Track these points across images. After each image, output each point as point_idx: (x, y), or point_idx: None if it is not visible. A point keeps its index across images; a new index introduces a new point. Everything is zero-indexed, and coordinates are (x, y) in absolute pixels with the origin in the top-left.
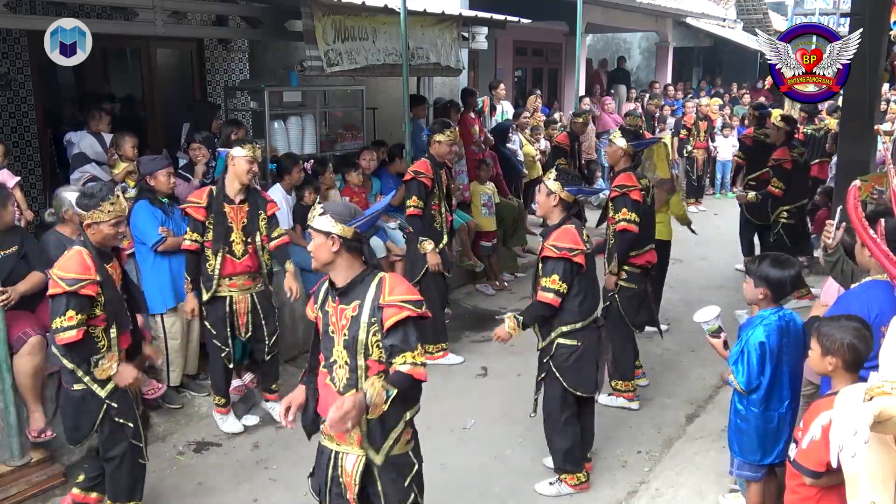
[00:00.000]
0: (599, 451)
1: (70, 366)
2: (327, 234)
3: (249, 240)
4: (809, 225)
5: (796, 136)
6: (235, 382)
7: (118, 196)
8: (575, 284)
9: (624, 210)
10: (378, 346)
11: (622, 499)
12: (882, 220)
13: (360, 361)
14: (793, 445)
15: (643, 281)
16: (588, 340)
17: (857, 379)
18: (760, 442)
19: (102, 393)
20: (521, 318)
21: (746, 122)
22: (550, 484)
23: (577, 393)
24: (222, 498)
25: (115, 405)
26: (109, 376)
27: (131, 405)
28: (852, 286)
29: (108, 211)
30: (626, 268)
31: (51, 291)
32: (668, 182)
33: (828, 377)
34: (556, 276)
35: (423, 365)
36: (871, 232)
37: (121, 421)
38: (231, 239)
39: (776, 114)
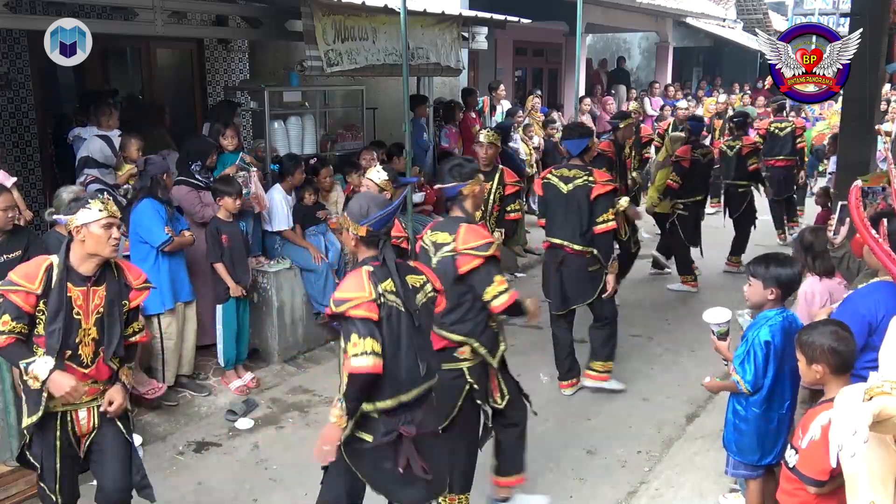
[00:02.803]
0: (599, 450)
1: None
2: (346, 228)
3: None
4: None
5: (756, 130)
6: (236, 382)
7: (108, 198)
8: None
9: None
10: None
11: (622, 499)
12: (884, 221)
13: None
14: (793, 452)
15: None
16: None
17: (849, 381)
18: (759, 442)
19: (24, 420)
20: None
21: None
22: None
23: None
24: (222, 498)
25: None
26: (41, 384)
27: (51, 445)
28: (859, 287)
29: (99, 210)
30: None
31: None
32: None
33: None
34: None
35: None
36: (874, 232)
37: (31, 460)
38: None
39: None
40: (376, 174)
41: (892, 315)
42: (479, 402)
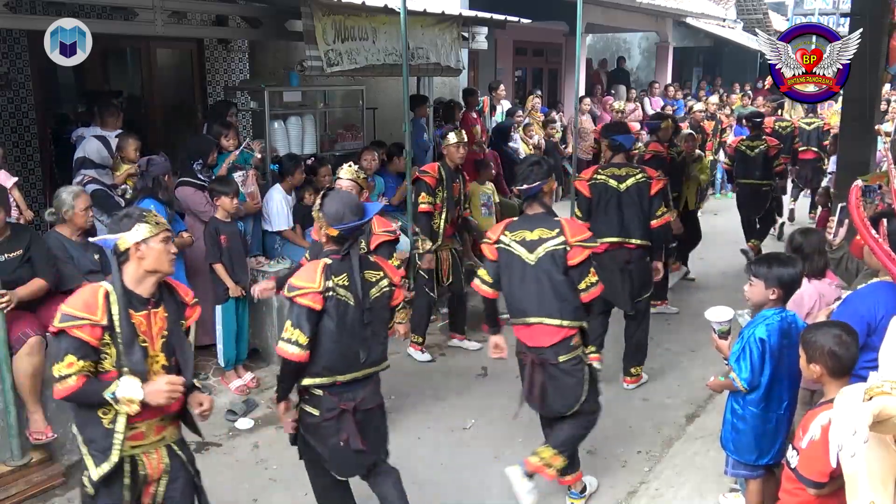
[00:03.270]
0: (599, 451)
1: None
2: (320, 226)
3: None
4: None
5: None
6: (236, 382)
7: (152, 211)
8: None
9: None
10: None
11: (622, 499)
12: (884, 221)
13: None
14: (793, 453)
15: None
16: None
17: (847, 383)
18: (757, 442)
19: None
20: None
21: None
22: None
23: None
24: (222, 498)
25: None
26: (133, 407)
27: (119, 496)
28: (859, 287)
29: (156, 223)
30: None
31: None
32: None
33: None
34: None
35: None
36: (874, 232)
37: None
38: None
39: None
40: (347, 170)
41: (891, 315)
42: (598, 382)
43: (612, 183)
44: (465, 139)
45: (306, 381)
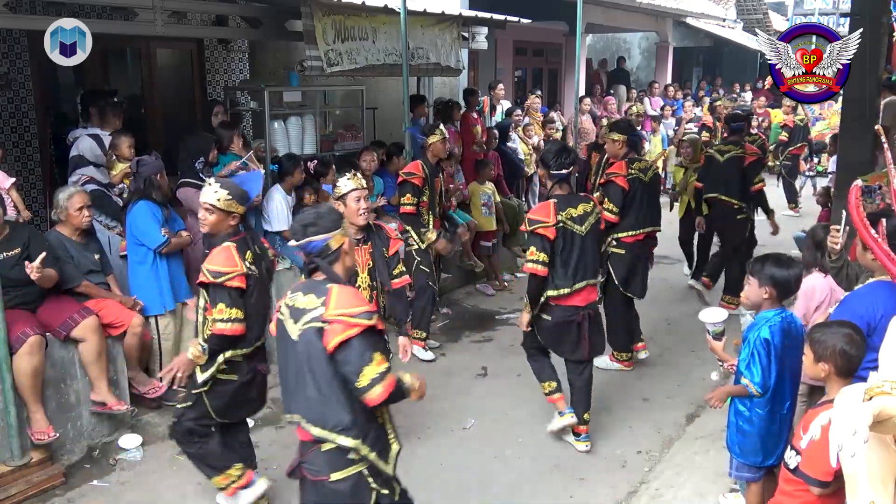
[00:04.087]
0: (599, 450)
1: None
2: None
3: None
4: None
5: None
6: None
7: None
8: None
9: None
10: None
11: (622, 499)
12: (883, 221)
13: None
14: (793, 453)
15: (632, 250)
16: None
17: (849, 384)
18: (762, 444)
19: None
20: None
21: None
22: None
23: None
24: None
25: None
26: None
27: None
28: (856, 287)
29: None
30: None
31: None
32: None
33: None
34: (533, 248)
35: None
36: (873, 232)
37: None
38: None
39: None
40: (349, 181)
41: (890, 315)
42: None
43: (718, 156)
44: (446, 134)
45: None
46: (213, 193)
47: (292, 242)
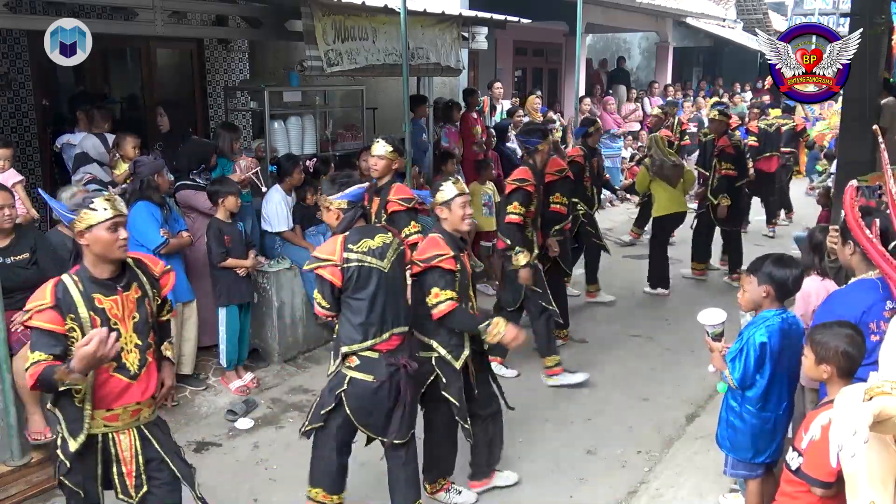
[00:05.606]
0: (599, 450)
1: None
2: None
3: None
4: None
5: (748, 127)
6: (236, 382)
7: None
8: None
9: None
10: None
11: (622, 499)
12: (877, 221)
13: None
14: (795, 454)
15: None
16: None
17: (849, 384)
18: (753, 441)
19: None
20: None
21: (747, 120)
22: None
23: None
24: (222, 498)
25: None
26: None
27: (93, 471)
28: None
29: (104, 209)
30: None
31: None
32: (679, 166)
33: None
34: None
35: None
36: (868, 232)
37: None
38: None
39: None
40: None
41: (871, 312)
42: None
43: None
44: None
45: None
46: None
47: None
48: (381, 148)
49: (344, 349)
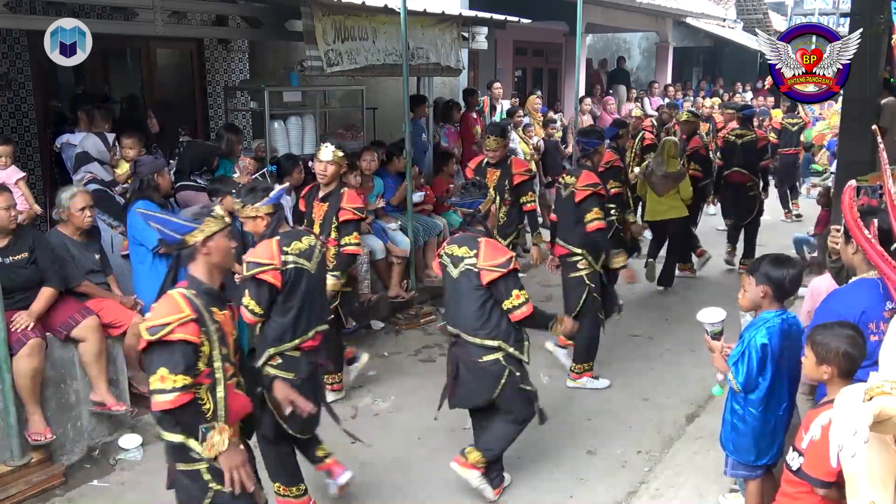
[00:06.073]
0: (599, 450)
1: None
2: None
3: None
4: None
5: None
6: None
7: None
8: None
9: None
10: None
11: (622, 499)
12: (875, 221)
13: None
14: (795, 454)
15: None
16: None
17: (849, 384)
18: (756, 443)
19: (206, 474)
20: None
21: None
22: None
23: None
24: None
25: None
26: (218, 454)
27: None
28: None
29: (223, 216)
30: None
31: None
32: (678, 173)
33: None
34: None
35: None
36: (866, 232)
37: None
38: None
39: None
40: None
41: (871, 311)
42: None
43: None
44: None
45: None
46: None
47: (454, 199)
48: (328, 153)
49: (271, 350)
